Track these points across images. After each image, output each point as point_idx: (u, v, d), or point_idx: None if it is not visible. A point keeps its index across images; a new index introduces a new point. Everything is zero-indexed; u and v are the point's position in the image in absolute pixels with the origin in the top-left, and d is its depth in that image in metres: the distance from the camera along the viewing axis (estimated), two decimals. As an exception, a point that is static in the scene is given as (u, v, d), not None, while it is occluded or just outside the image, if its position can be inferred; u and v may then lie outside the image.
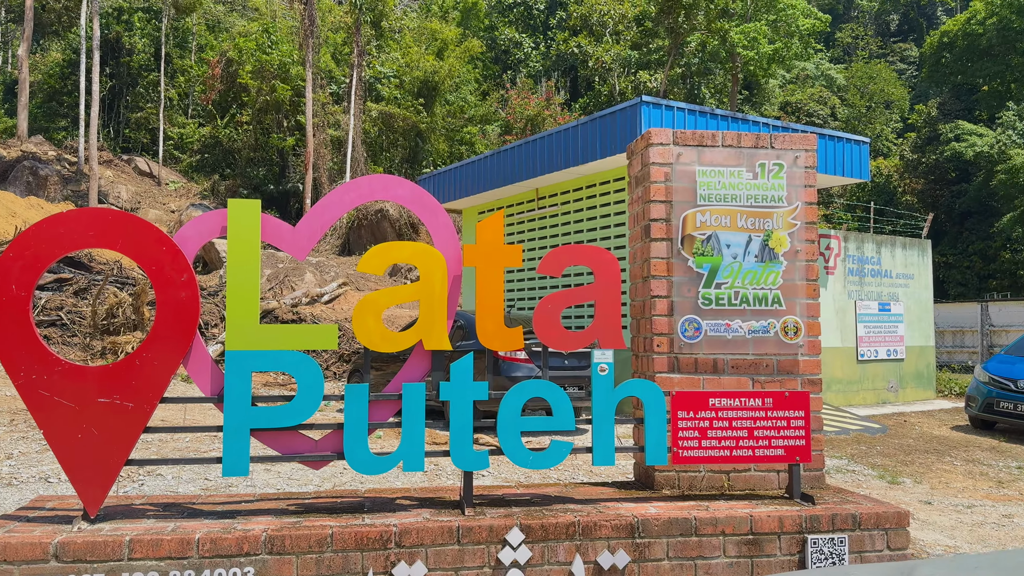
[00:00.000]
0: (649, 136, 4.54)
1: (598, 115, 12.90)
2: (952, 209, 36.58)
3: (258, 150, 37.25)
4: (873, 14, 62.03)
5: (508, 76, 46.85)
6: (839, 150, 13.84)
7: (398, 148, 37.46)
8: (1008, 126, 34.15)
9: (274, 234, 3.84)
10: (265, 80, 35.16)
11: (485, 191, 15.90)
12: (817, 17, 35.20)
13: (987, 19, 38.32)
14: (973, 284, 34.11)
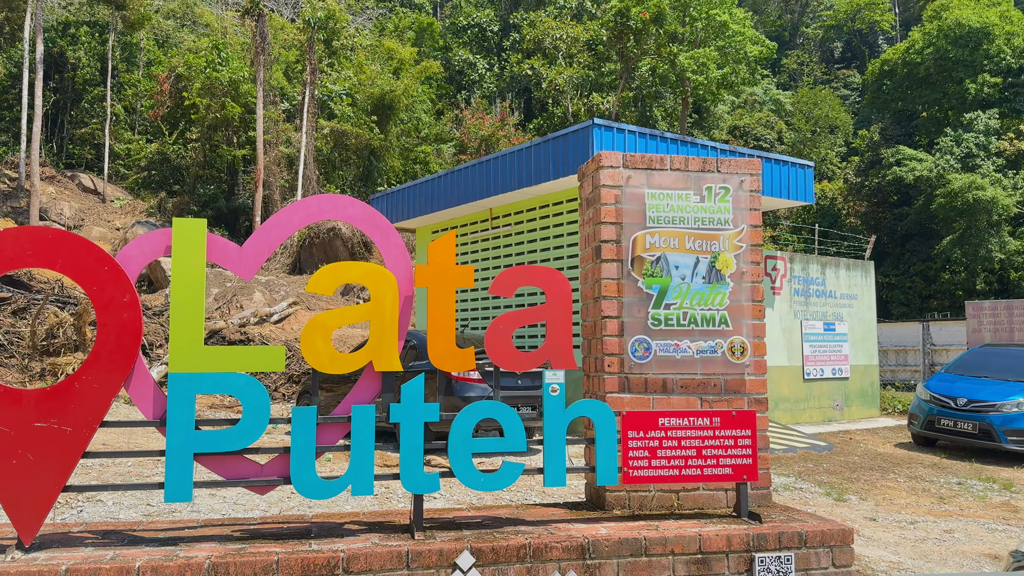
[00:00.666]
0: (600, 159, 4.60)
1: (551, 136, 13.03)
2: (894, 231, 37.69)
3: (207, 167, 36.69)
4: (818, 41, 63.93)
5: (463, 96, 47.07)
6: (784, 174, 14.18)
7: (351, 166, 37.26)
8: (946, 151, 35.40)
9: (220, 254, 3.78)
10: (215, 97, 34.71)
11: (439, 210, 15.90)
12: (764, 44, 36.14)
13: (925, 49, 39.79)
14: (915, 304, 35.12)
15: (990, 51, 38.20)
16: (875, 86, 43.46)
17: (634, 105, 40.94)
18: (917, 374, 22.92)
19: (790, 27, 66.34)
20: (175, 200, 36.03)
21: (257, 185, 31.79)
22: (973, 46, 38.33)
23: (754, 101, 50.25)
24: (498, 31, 50.57)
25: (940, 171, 34.37)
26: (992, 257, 31.72)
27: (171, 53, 42.31)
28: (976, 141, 35.12)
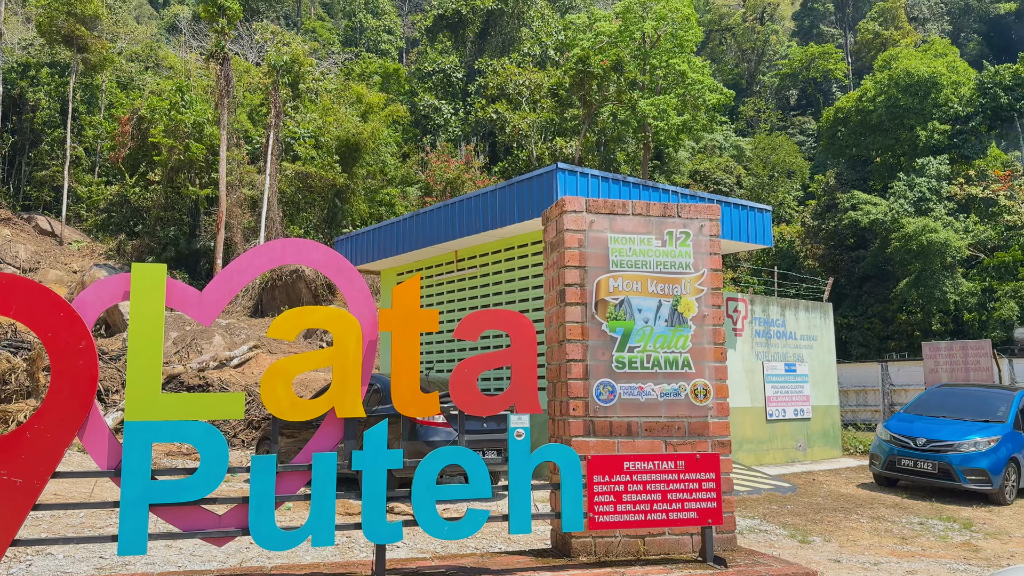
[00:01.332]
0: (563, 204, 4.65)
1: (516, 180, 13.15)
2: (852, 273, 38.48)
3: (168, 209, 36.31)
4: (774, 89, 65.79)
5: (428, 140, 47.39)
6: (744, 218, 14.45)
7: (316, 208, 37.15)
8: (899, 196, 36.41)
9: (180, 299, 3.73)
10: (178, 139, 34.53)
11: (404, 252, 15.89)
12: (722, 92, 37.07)
13: (877, 97, 41.15)
14: (874, 345, 35.73)
15: (938, 100, 39.63)
16: (830, 133, 44.72)
17: (597, 149, 41.57)
18: (877, 414, 23.23)
19: (747, 75, 68.24)
20: (135, 242, 35.53)
21: (219, 227, 31.52)
22: (922, 95, 39.74)
23: (714, 146, 51.34)
24: (463, 77, 51.22)
25: (894, 215, 35.29)
26: (947, 298, 32.49)
27: (133, 96, 42.10)
28: (928, 186, 36.21)
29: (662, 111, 33.93)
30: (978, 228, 34.80)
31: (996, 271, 33.16)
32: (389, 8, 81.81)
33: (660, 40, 35.74)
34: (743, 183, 45.57)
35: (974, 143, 39.10)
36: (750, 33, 67.66)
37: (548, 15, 53.12)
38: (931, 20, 67.22)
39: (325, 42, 68.69)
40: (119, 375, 16.72)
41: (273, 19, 66.05)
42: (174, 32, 67.56)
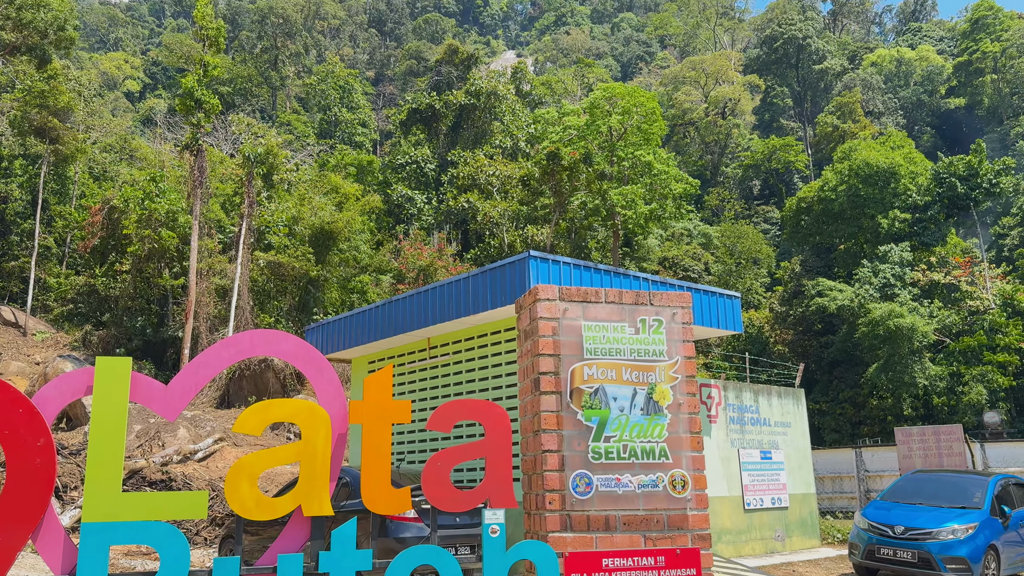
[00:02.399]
0: (536, 292, 4.65)
1: (488, 268, 13.22)
2: (822, 358, 38.82)
3: (137, 298, 35.92)
4: (737, 180, 67.78)
5: (402, 228, 47.85)
6: (713, 304, 14.60)
7: (288, 296, 36.98)
8: (864, 282, 37.16)
9: (145, 393, 3.62)
10: (151, 228, 34.48)
11: (376, 340, 15.76)
12: (688, 182, 38.08)
13: (838, 186, 42.49)
14: (847, 431, 35.76)
15: (897, 189, 41.00)
16: (793, 221, 45.89)
17: (568, 237, 42.18)
18: (854, 501, 23.03)
19: (711, 167, 70.35)
20: (101, 333, 34.94)
21: (188, 316, 31.16)
22: (882, 184, 41.11)
23: (681, 234, 52.37)
24: (436, 168, 52.20)
25: (860, 300, 35.92)
26: (916, 383, 32.81)
27: (106, 186, 42.20)
28: (892, 272, 37.03)
29: (630, 200, 34.70)
30: (943, 313, 35.50)
31: (963, 355, 33.66)
32: (363, 103, 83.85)
33: (626, 133, 36.86)
34: (711, 270, 46.32)
35: (933, 231, 40.29)
36: (713, 127, 70.10)
37: (519, 110, 54.74)
38: (886, 114, 70.25)
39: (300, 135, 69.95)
40: (78, 471, 16.14)
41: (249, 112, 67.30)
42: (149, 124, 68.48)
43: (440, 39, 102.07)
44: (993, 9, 71.71)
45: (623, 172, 37.11)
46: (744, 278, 47.75)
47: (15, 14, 33.88)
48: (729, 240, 49.91)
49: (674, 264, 45.77)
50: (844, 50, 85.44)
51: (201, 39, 32.16)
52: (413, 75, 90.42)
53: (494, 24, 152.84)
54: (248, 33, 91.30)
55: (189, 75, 31.99)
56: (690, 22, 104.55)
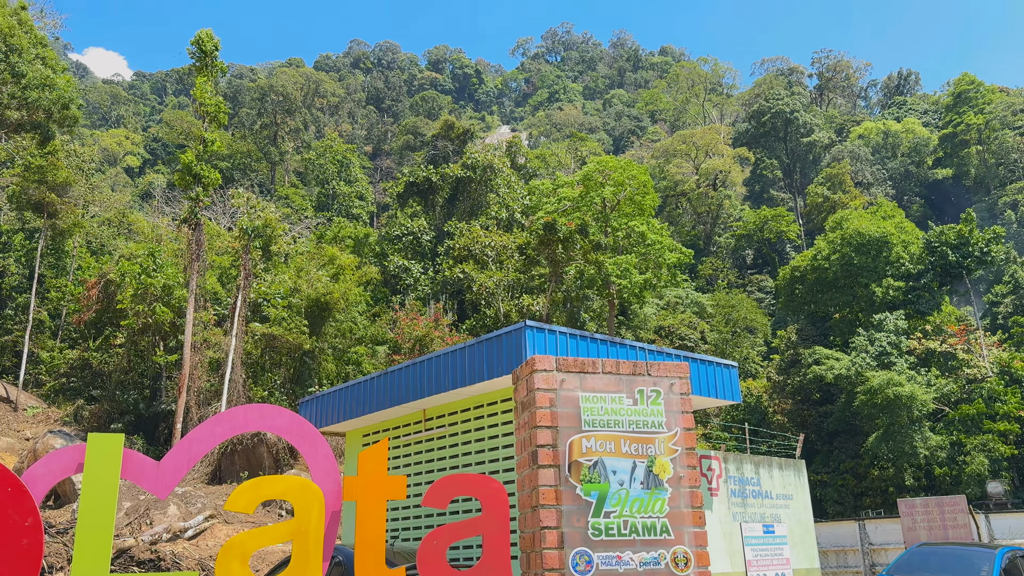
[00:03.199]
0: (533, 363, 4.63)
1: (485, 338, 13.18)
2: (821, 429, 38.47)
3: (130, 372, 35.66)
4: (730, 249, 68.38)
5: (398, 299, 47.92)
6: (711, 373, 14.53)
7: (282, 368, 36.76)
8: (861, 350, 37.12)
9: (136, 471, 3.56)
10: (146, 303, 34.47)
11: (371, 412, 15.58)
12: (681, 251, 38.43)
13: (831, 255, 42.87)
14: (849, 502, 35.18)
15: (890, 258, 41.37)
16: (788, 290, 46.11)
17: (563, 306, 42.27)
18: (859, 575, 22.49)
19: (704, 237, 71.08)
20: (93, 407, 34.57)
21: (181, 390, 30.87)
22: (875, 253, 41.49)
23: (676, 303, 52.53)
24: (432, 239, 52.63)
25: (858, 369, 35.82)
26: (917, 453, 32.45)
27: (103, 260, 42.37)
28: (888, 340, 37.04)
29: (625, 270, 34.92)
30: (940, 382, 35.37)
31: (962, 424, 33.40)
32: (361, 176, 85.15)
33: (620, 204, 37.37)
34: (707, 339, 46.28)
35: (928, 299, 40.49)
36: (704, 198, 71.11)
37: (514, 182, 55.53)
38: (875, 185, 71.43)
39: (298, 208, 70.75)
40: (65, 550, 15.73)
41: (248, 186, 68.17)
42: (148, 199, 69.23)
43: (437, 115, 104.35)
44: (975, 83, 73.78)
45: (618, 242, 37.46)
46: (741, 347, 47.68)
47: (20, 93, 34.57)
48: (724, 309, 50.04)
49: (670, 333, 45.74)
50: (831, 123, 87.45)
51: (201, 116, 32.77)
52: (410, 149, 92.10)
53: (489, 101, 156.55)
54: (248, 110, 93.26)
55: (189, 151, 32.48)
56: (679, 98, 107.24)
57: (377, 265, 49.91)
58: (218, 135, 33.75)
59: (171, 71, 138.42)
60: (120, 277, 35.18)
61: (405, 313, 41.78)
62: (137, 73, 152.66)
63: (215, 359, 35.04)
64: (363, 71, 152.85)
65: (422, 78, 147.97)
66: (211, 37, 32.09)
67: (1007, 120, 69.44)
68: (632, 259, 35.34)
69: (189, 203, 33.28)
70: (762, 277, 63.28)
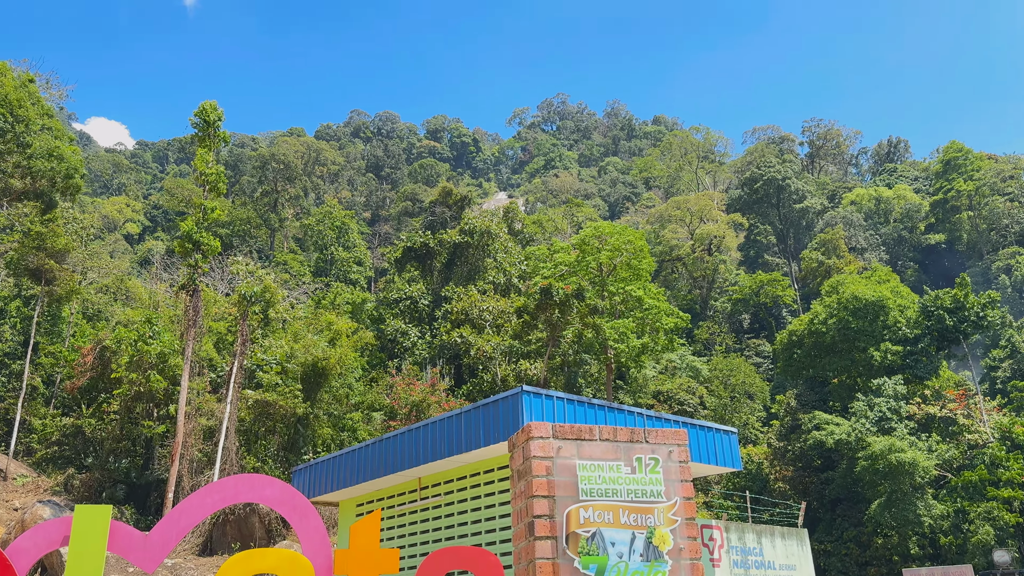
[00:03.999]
0: (529, 430, 4.57)
1: (481, 403, 13.08)
2: (823, 496, 37.87)
3: (123, 440, 35.20)
4: (726, 314, 68.47)
5: (394, 364, 47.66)
6: (711, 440, 14.38)
7: (276, 435, 36.29)
8: (861, 415, 36.82)
9: (124, 543, 3.47)
10: (141, 370, 34.23)
11: (365, 481, 15.34)
12: (678, 315, 38.43)
13: (828, 320, 42.89)
14: (853, 572, 34.40)
15: (887, 322, 41.39)
16: (785, 355, 45.98)
17: (561, 370, 42.06)
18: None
19: (700, 301, 71.26)
20: (83, 476, 34.00)
21: (173, 459, 30.42)
22: (871, 317, 41.53)
23: (674, 367, 52.31)
24: (429, 303, 52.68)
25: (858, 435, 35.47)
26: (921, 521, 31.88)
27: (99, 326, 42.25)
28: (888, 405, 36.78)
29: (622, 334, 34.87)
30: (941, 448, 34.99)
31: (965, 491, 32.90)
32: (359, 242, 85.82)
33: (616, 269, 37.55)
34: (706, 404, 45.93)
35: (926, 363, 40.37)
36: (700, 263, 71.58)
37: (511, 247, 55.92)
38: (869, 250, 72.04)
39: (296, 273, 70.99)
40: (48, 625, 15.24)
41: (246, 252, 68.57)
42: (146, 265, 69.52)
43: (435, 182, 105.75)
44: (963, 151, 75.12)
45: (615, 306, 37.51)
46: (740, 412, 47.30)
47: (26, 163, 34.99)
48: (722, 374, 49.81)
49: (669, 398, 45.41)
50: (823, 190, 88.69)
51: (202, 184, 33.14)
52: (408, 215, 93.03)
53: (486, 168, 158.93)
54: (249, 178, 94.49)
55: (189, 218, 32.74)
56: (673, 165, 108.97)
57: (374, 330, 49.84)
58: (218, 203, 34.09)
59: (173, 140, 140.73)
60: (116, 344, 35.01)
61: (402, 378, 41.53)
62: (140, 142, 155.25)
63: (208, 427, 34.63)
64: (363, 140, 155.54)
65: (421, 146, 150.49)
66: (215, 108, 32.70)
67: (996, 186, 70.53)
68: (629, 323, 35.33)
69: (188, 270, 33.36)
70: (759, 341, 63.21)
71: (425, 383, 41.41)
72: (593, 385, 43.66)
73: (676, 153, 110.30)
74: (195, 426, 33.58)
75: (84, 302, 44.76)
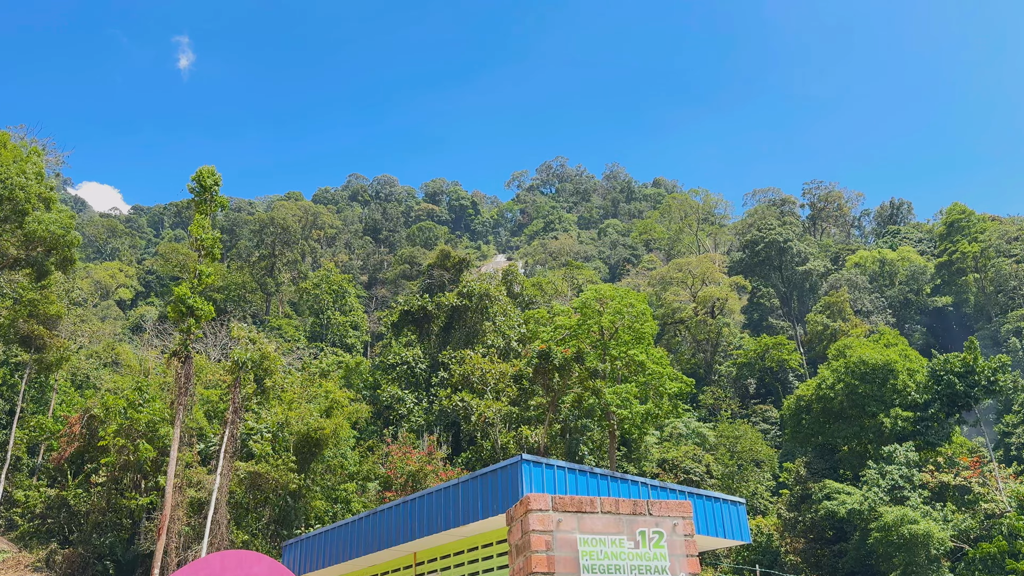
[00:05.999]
0: (528, 502, 4.49)
1: (479, 473, 12.89)
2: (836, 569, 37.04)
3: (108, 513, 34.57)
4: (731, 378, 68.11)
5: (390, 431, 47.16)
6: (718, 511, 14.12)
7: (268, 507, 35.65)
8: (872, 484, 36.28)
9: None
10: (130, 439, 33.85)
11: (358, 556, 15.01)
12: (682, 380, 38.19)
13: (835, 384, 42.65)
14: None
15: (896, 386, 41.15)
16: (794, 421, 45.57)
17: (562, 437, 41.60)
18: None
19: (704, 365, 70.97)
20: (66, 551, 33.29)
21: (160, 533, 29.80)
22: (880, 382, 41.30)
23: (679, 434, 51.75)
24: (426, 368, 52.40)
25: (870, 504, 34.89)
26: (940, 596, 31.14)
27: (87, 394, 41.95)
28: (900, 473, 36.29)
29: (625, 399, 34.59)
30: (957, 518, 34.37)
31: (983, 564, 32.18)
32: (356, 305, 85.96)
33: (618, 332, 37.47)
34: (713, 472, 45.32)
35: (937, 429, 39.99)
36: (703, 326, 71.55)
37: (510, 310, 55.92)
38: (875, 312, 72.11)
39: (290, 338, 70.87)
40: None
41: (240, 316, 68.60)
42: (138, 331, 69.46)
43: (433, 245, 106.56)
44: (966, 212, 75.90)
45: (616, 371, 37.30)
46: (748, 481, 46.62)
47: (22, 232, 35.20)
48: (729, 440, 49.26)
49: (674, 467, 44.81)
50: (826, 252, 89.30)
51: (197, 249, 33.33)
52: (406, 278, 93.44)
53: (485, 231, 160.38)
54: (246, 242, 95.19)
55: (183, 283, 32.82)
56: (673, 227, 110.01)
57: (369, 395, 49.48)
58: (213, 267, 34.25)
59: (169, 204, 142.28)
60: (104, 412, 34.70)
61: (398, 446, 41.04)
62: (135, 207, 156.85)
63: (197, 499, 34.06)
64: (361, 203, 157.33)
65: (419, 209, 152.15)
66: (212, 173, 33.13)
67: (1002, 248, 71.00)
68: (632, 388, 35.08)
69: (180, 335, 33.27)
70: (766, 407, 62.71)
71: (422, 451, 40.93)
72: (596, 452, 43.13)
73: (676, 215, 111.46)
74: (183, 498, 33.03)
75: (73, 369, 44.53)
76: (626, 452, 46.63)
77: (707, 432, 52.20)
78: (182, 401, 31.88)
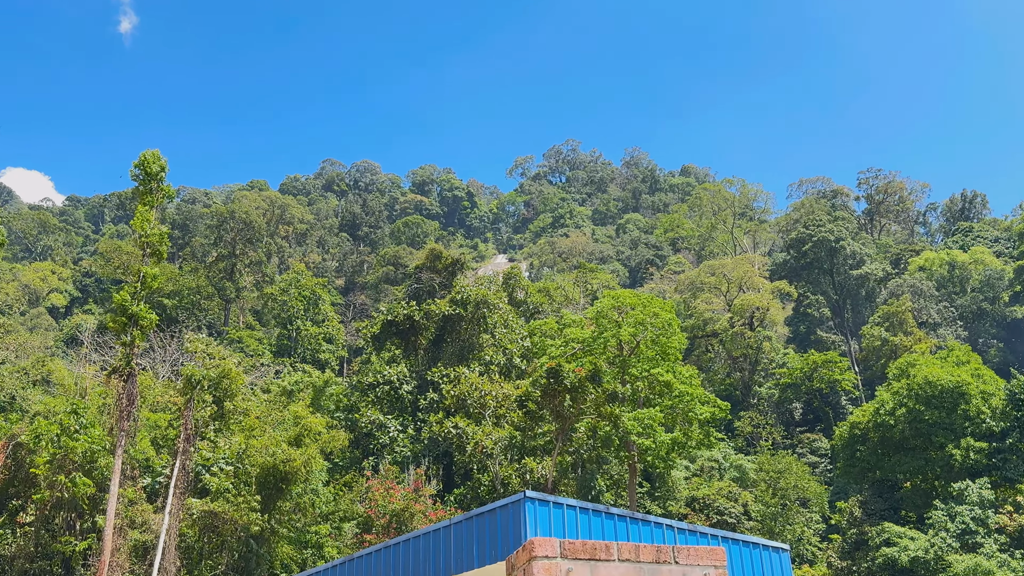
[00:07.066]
0: (532, 548, 4.47)
1: (475, 513, 12.89)
2: (897, 627, 36.96)
3: (37, 559, 34.53)
4: (773, 401, 68.02)
5: (370, 463, 47.12)
6: (756, 559, 14.07)
7: (226, 552, 35.62)
8: (940, 527, 36.20)
9: None
10: (64, 471, 33.83)
11: (331, 612, 14.98)
12: (716, 404, 38.16)
13: (896, 410, 42.59)
14: None
15: (969, 412, 41.06)
16: (847, 452, 45.52)
17: (573, 471, 41.57)
18: None
19: (741, 386, 70.94)
20: (-14, 605, 33.24)
21: (99, 581, 29.79)
22: (949, 407, 41.22)
23: (711, 467, 51.69)
24: (413, 389, 52.37)
25: (937, 552, 34.83)
26: (1019, 659, 31.06)
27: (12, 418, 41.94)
28: (972, 515, 36.21)
29: (647, 426, 34.53)
30: (1040, 566, 34.32)
31: (1072, 620, 32.13)
32: (331, 314, 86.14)
33: (640, 347, 37.44)
34: (751, 513, 45.26)
35: (1016, 463, 39.89)
36: (740, 339, 71.54)
37: (512, 320, 55.95)
38: (943, 325, 72.06)
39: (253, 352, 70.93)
40: None
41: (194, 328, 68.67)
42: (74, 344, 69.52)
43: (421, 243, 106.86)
44: (1051, 206, 75.89)
45: (638, 393, 37.27)
46: (793, 524, 46.52)
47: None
48: (770, 475, 49.18)
49: (706, 506, 44.77)
50: (885, 253, 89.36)
51: (141, 247, 33.36)
52: (389, 283, 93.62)
53: (483, 226, 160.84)
54: (202, 240, 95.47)
55: (125, 287, 32.85)
56: (704, 223, 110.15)
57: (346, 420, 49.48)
58: (160, 269, 34.28)
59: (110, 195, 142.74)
60: (33, 439, 34.65)
61: (379, 481, 41.03)
62: (70, 198, 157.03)
63: (142, 542, 34.02)
64: (337, 194, 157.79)
65: (405, 201, 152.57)
66: (157, 158, 33.20)
67: (1093, 248, 70.98)
68: (656, 413, 35.02)
69: (123, 349, 33.28)
70: (814, 436, 62.65)
71: (407, 487, 40.89)
72: (614, 488, 43.11)
73: (708, 209, 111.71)
74: (126, 542, 32.99)
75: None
76: (649, 489, 46.56)
77: (745, 465, 52.13)
78: (124, 427, 31.87)
